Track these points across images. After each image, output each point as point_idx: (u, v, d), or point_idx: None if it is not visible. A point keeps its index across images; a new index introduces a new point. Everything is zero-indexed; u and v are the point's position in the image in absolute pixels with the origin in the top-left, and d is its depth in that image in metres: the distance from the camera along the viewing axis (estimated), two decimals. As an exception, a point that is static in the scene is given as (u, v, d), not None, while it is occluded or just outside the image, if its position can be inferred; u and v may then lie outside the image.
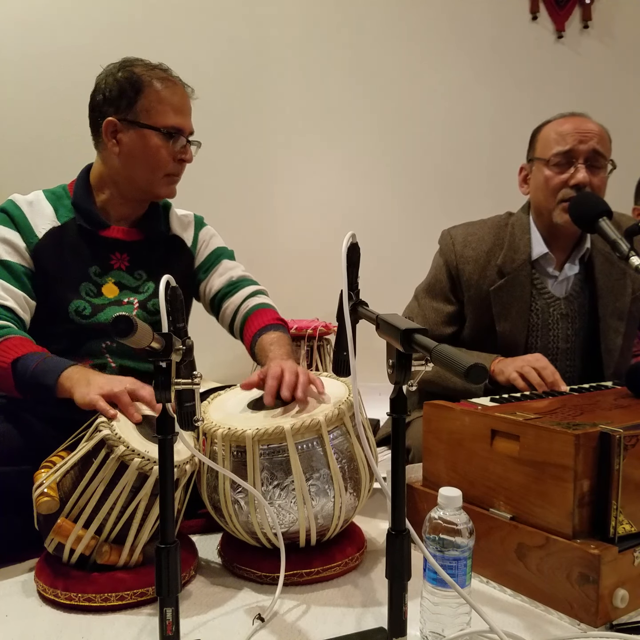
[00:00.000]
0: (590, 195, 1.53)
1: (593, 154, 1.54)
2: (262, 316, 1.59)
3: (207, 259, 1.67)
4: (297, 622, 1.10)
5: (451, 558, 0.97)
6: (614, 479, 1.07)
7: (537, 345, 1.61)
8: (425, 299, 1.72)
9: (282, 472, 1.17)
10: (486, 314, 1.62)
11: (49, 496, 1.13)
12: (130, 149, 1.48)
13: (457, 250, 1.66)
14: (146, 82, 1.46)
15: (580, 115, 1.61)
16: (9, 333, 1.35)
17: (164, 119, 1.47)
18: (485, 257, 1.63)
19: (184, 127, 1.51)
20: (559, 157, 1.55)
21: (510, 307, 1.60)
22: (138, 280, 1.55)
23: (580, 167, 1.53)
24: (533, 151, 1.65)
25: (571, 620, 1.07)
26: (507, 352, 1.60)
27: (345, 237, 0.97)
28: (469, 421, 1.26)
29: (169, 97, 1.48)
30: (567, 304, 1.63)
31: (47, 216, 1.49)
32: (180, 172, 1.56)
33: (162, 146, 1.48)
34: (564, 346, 1.62)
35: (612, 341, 1.61)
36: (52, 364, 1.31)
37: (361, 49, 2.81)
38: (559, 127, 1.58)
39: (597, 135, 1.55)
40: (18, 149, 2.45)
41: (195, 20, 2.64)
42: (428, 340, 0.79)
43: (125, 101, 1.46)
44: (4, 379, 1.33)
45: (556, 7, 2.97)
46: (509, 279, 1.60)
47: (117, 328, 0.77)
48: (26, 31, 2.47)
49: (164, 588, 0.91)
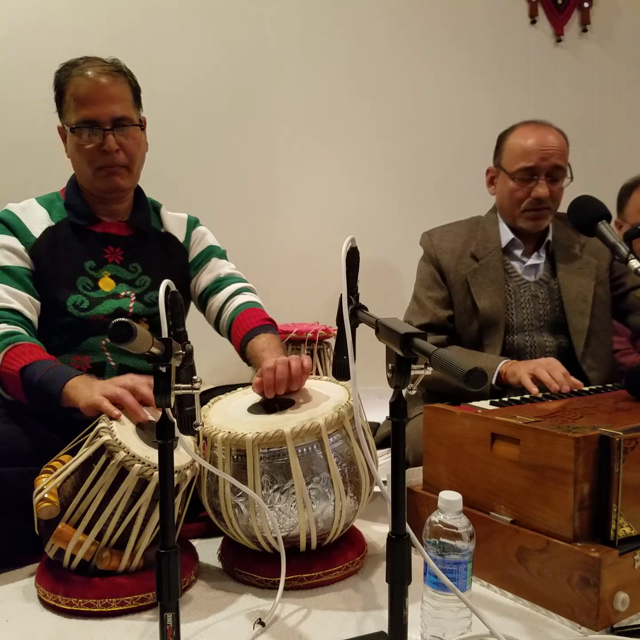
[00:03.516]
0: (589, 199, 1.54)
1: (553, 168, 1.71)
2: (249, 317, 1.59)
3: (198, 256, 1.69)
4: (297, 627, 1.10)
5: (452, 562, 0.97)
6: (614, 482, 1.07)
7: (513, 323, 1.76)
8: (420, 292, 1.85)
9: (283, 475, 1.17)
10: (467, 297, 1.78)
11: (49, 501, 1.13)
12: (69, 152, 1.54)
13: (434, 244, 1.84)
14: (63, 83, 1.49)
15: (542, 126, 1.75)
16: (19, 340, 1.37)
17: (72, 115, 1.48)
18: (461, 247, 1.82)
19: (95, 117, 1.46)
20: (523, 172, 1.72)
21: (486, 287, 1.77)
22: (133, 273, 1.56)
23: (542, 182, 1.71)
24: (499, 158, 1.81)
25: (572, 624, 1.07)
26: (490, 330, 1.74)
27: (345, 241, 0.97)
28: (469, 425, 1.26)
29: (77, 92, 1.46)
30: (537, 287, 1.79)
31: (41, 218, 1.53)
32: (113, 162, 1.49)
33: (78, 142, 1.48)
34: (537, 324, 1.76)
35: (579, 322, 1.74)
36: (58, 373, 1.32)
37: (361, 53, 2.81)
38: (523, 142, 1.73)
39: (557, 150, 1.71)
40: (14, 153, 2.46)
41: (195, 24, 2.65)
42: (427, 344, 0.80)
43: (58, 106, 1.52)
44: (13, 386, 1.35)
45: (555, 11, 2.97)
46: (483, 263, 1.78)
47: (117, 334, 0.76)
48: (24, 35, 2.47)
49: (165, 593, 0.91)
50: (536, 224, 1.75)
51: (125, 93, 1.50)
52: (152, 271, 1.58)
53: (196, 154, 2.63)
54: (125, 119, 1.49)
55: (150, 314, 1.54)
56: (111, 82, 1.47)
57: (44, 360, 1.34)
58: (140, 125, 1.54)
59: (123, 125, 1.48)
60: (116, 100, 1.47)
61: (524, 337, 1.75)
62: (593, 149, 2.86)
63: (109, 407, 1.20)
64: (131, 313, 1.52)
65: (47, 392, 1.29)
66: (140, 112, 1.57)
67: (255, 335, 1.54)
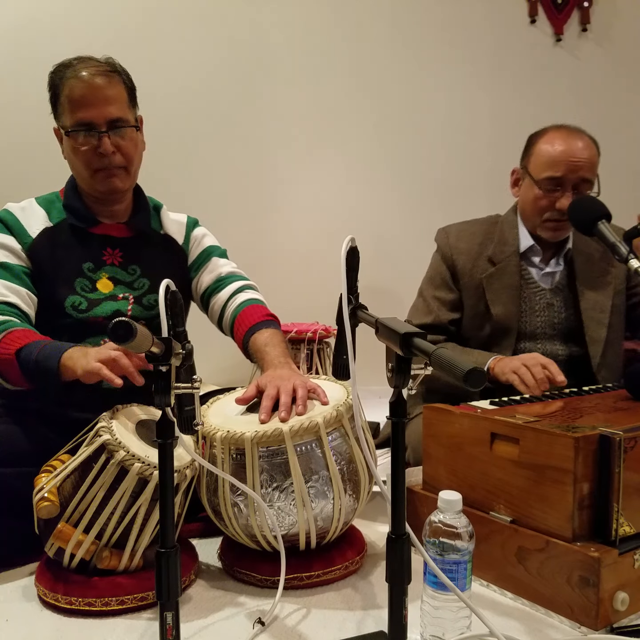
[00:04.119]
0: (589, 199, 1.55)
1: (581, 181, 1.65)
2: (252, 313, 1.59)
3: (198, 256, 1.68)
4: (297, 626, 1.10)
5: (451, 562, 0.97)
6: (615, 482, 1.07)
7: (526, 330, 1.72)
8: (428, 291, 1.82)
9: (281, 474, 1.17)
10: (481, 301, 1.74)
11: (49, 501, 1.13)
12: (66, 154, 1.53)
13: (451, 243, 1.79)
14: (57, 85, 1.47)
15: (574, 133, 1.68)
16: (11, 326, 1.36)
17: (67, 118, 1.47)
18: (477, 249, 1.77)
19: (90, 120, 1.44)
20: (549, 182, 1.65)
21: (501, 293, 1.72)
22: (132, 276, 1.56)
23: (567, 195, 1.64)
24: (527, 161, 1.73)
25: (572, 623, 1.07)
26: (501, 336, 1.71)
27: (345, 241, 0.97)
28: (468, 424, 1.26)
29: (71, 94, 1.45)
30: (552, 295, 1.74)
31: (40, 218, 1.52)
32: (110, 164, 1.47)
33: (74, 145, 1.48)
34: (551, 332, 1.73)
35: (596, 332, 1.71)
36: (53, 348, 1.31)
37: (361, 53, 2.81)
38: (552, 149, 1.65)
39: (587, 163, 1.64)
40: (11, 154, 2.46)
41: (195, 24, 2.65)
42: (427, 344, 0.80)
43: (53, 108, 1.51)
44: (11, 370, 1.34)
45: (555, 11, 2.97)
46: (499, 268, 1.73)
47: (117, 333, 0.76)
48: (24, 35, 2.47)
49: (164, 592, 0.91)
50: (556, 234, 1.71)
51: (121, 93, 1.48)
52: (151, 273, 1.57)
53: (196, 153, 2.63)
54: (121, 120, 1.47)
55: (149, 317, 1.52)
56: (106, 83, 1.45)
57: (38, 340, 1.34)
58: (136, 127, 1.52)
59: (119, 127, 1.47)
60: (111, 101, 1.46)
61: (535, 345, 1.71)
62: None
63: (109, 374, 1.19)
64: (129, 316, 1.52)
65: (46, 368, 1.28)
66: (136, 111, 1.55)
67: (258, 330, 1.53)
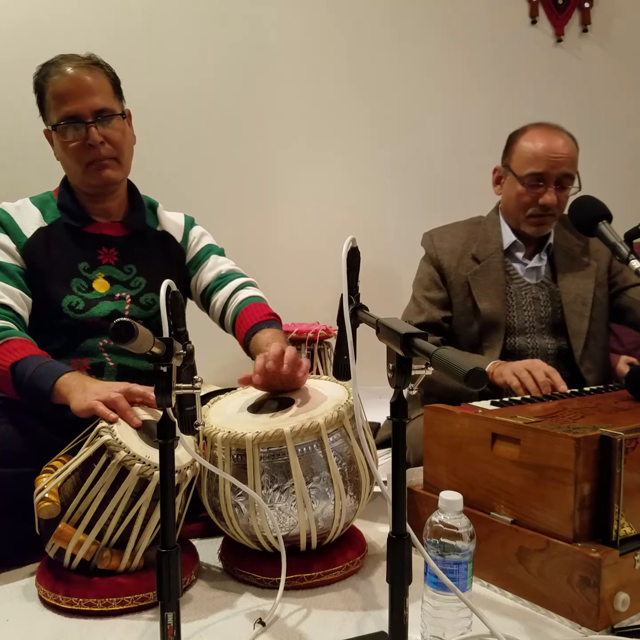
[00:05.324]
0: (590, 199, 1.54)
1: (562, 176, 1.71)
2: (254, 312, 1.59)
3: (196, 255, 1.68)
4: (298, 627, 1.10)
5: (452, 562, 0.97)
6: (616, 483, 1.07)
7: (515, 325, 1.76)
8: (418, 292, 1.86)
9: (282, 475, 1.17)
10: (468, 298, 1.78)
11: (50, 501, 1.13)
12: (57, 153, 1.53)
13: (435, 244, 1.85)
14: (41, 84, 1.48)
15: (553, 130, 1.74)
16: (9, 335, 1.36)
17: (54, 114, 1.47)
18: (461, 248, 1.82)
19: (76, 112, 1.45)
20: (532, 178, 1.71)
21: (487, 289, 1.77)
22: (128, 275, 1.56)
23: (550, 190, 1.70)
24: (509, 159, 1.79)
25: (572, 624, 1.07)
26: (490, 331, 1.75)
27: (346, 241, 0.97)
28: (469, 425, 1.26)
29: (55, 89, 1.45)
30: (538, 289, 1.79)
31: (34, 218, 1.52)
32: (101, 155, 1.47)
33: (64, 141, 1.48)
34: (539, 326, 1.77)
35: (578, 325, 1.75)
36: (49, 368, 1.31)
37: (361, 53, 2.81)
38: (533, 146, 1.71)
39: (567, 158, 1.70)
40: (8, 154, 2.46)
41: (195, 24, 2.64)
42: (428, 344, 0.80)
43: (41, 110, 1.52)
44: (4, 382, 1.34)
45: (555, 11, 2.97)
46: (484, 265, 1.78)
47: (118, 334, 0.76)
48: (24, 35, 2.47)
49: (165, 593, 0.91)
50: (540, 229, 1.76)
51: (104, 84, 1.48)
52: (147, 272, 1.57)
53: (196, 154, 2.62)
54: (107, 110, 1.47)
55: (147, 317, 1.52)
56: (88, 75, 1.45)
57: (35, 356, 1.33)
58: (122, 115, 1.51)
59: (105, 117, 1.46)
60: (95, 92, 1.45)
61: (525, 339, 1.75)
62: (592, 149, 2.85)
63: (104, 411, 1.19)
64: (127, 316, 1.51)
65: (38, 388, 1.28)
66: (122, 104, 1.55)
67: (259, 329, 1.53)
